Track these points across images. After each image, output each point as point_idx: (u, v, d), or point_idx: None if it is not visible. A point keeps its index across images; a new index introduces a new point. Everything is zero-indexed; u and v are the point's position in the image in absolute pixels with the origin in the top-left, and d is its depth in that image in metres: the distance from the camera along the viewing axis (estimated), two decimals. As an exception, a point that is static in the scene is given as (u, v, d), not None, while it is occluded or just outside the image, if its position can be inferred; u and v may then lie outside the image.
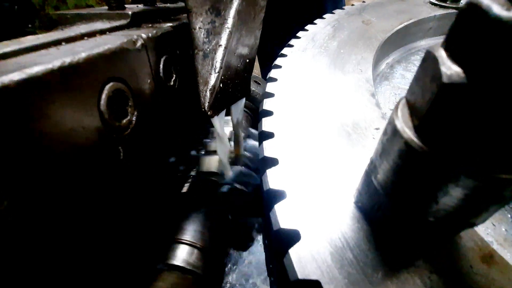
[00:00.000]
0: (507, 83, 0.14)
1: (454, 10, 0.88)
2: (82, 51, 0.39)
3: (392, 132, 0.21)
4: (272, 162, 0.33)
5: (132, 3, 0.72)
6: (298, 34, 0.70)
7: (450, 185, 0.18)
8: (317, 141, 0.36)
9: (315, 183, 0.30)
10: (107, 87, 0.43)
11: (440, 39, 0.18)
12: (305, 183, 0.30)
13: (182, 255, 0.64)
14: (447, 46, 0.17)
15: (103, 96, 0.43)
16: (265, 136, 0.37)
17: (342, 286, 0.22)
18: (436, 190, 0.19)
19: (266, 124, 0.39)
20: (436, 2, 0.92)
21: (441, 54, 0.17)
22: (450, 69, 0.16)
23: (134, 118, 0.51)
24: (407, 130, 0.19)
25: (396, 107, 0.21)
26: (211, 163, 0.76)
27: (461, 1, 0.91)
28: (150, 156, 0.59)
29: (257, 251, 0.84)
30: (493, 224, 0.37)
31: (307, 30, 0.72)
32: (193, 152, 0.82)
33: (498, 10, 0.14)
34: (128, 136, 0.50)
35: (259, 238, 0.87)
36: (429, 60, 0.18)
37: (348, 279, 0.23)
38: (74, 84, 0.38)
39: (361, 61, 0.57)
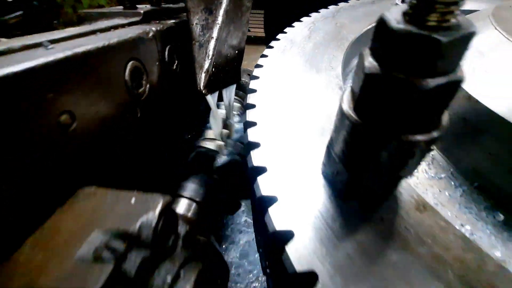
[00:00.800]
0: (398, 70, 0.21)
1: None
2: (113, 38, 0.57)
3: (340, 112, 0.28)
4: (255, 145, 0.40)
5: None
6: (278, 36, 0.77)
7: (379, 147, 0.25)
8: (292, 127, 0.43)
9: (290, 161, 0.37)
10: (129, 64, 0.62)
11: (368, 43, 0.25)
12: (282, 161, 0.37)
13: (182, 208, 0.74)
14: (371, 47, 0.24)
15: (127, 70, 0.62)
16: (249, 125, 0.44)
17: (308, 231, 0.29)
18: (371, 152, 0.26)
19: (250, 115, 0.46)
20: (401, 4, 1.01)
21: (367, 53, 0.24)
22: (370, 63, 0.23)
23: (147, 89, 0.70)
24: (348, 110, 0.26)
25: (343, 94, 0.28)
26: (209, 133, 0.88)
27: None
28: (159, 116, 0.77)
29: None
30: (439, 190, 0.45)
31: (285, 33, 0.79)
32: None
33: (393, 23, 0.21)
34: (142, 101, 0.69)
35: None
36: (360, 57, 0.25)
37: (313, 227, 0.30)
38: (111, 59, 0.56)
39: (332, 59, 0.64)
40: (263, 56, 0.67)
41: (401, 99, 0.22)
